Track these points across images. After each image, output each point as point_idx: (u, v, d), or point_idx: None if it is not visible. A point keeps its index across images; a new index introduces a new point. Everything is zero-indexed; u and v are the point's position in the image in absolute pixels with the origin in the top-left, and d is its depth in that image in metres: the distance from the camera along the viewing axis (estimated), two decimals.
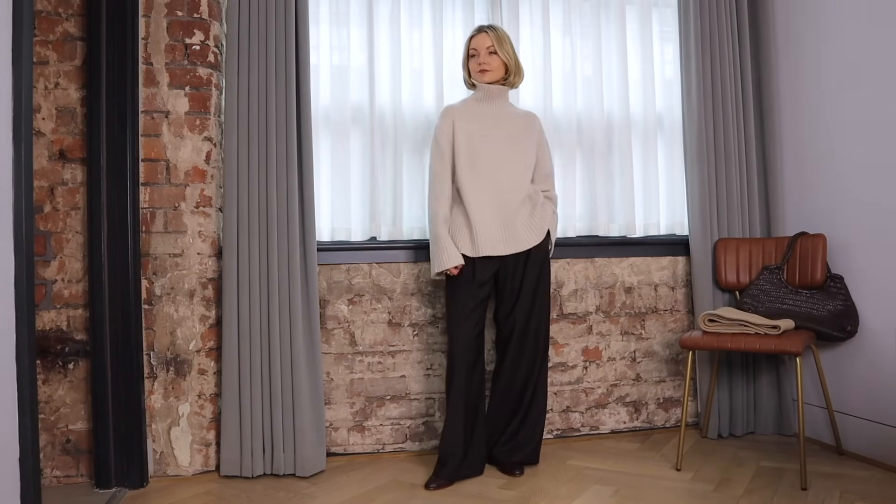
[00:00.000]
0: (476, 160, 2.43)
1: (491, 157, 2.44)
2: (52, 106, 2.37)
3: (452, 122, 2.47)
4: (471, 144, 2.44)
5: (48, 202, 2.36)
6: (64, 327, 2.36)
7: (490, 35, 2.46)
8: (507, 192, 2.43)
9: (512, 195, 2.43)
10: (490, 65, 2.45)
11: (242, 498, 2.22)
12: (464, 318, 2.38)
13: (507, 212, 2.42)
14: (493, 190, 2.42)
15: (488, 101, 2.50)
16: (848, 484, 2.24)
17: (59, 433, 2.35)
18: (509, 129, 2.49)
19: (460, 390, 2.36)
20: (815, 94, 2.77)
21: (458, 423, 2.35)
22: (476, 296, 2.40)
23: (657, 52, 3.03)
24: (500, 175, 2.43)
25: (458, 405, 2.36)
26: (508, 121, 2.51)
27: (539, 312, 2.47)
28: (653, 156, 3.00)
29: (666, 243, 2.98)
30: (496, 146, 2.45)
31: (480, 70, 2.46)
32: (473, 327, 2.39)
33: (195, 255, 2.45)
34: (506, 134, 2.48)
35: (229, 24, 2.46)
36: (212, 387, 2.47)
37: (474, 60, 2.47)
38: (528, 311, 2.45)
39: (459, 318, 2.38)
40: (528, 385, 2.46)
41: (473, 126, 2.46)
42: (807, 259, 2.65)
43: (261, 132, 2.46)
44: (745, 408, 2.87)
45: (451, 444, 2.35)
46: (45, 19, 2.36)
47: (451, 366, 2.39)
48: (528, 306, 2.45)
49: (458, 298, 2.40)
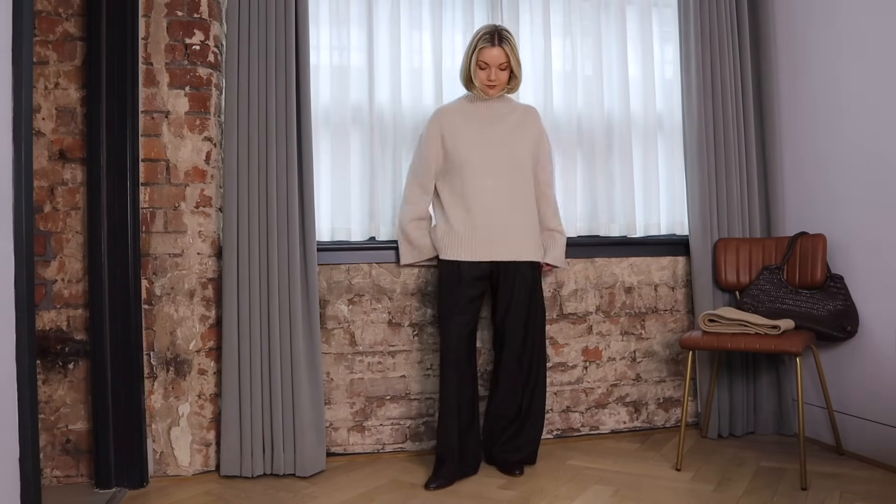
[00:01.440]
0: (464, 164, 2.42)
1: (480, 160, 2.42)
2: (52, 106, 2.37)
3: (441, 127, 2.47)
4: (458, 149, 2.43)
5: (48, 202, 2.36)
6: (64, 327, 2.36)
7: (506, 51, 2.37)
8: (494, 197, 2.41)
9: (499, 201, 2.41)
10: (500, 80, 2.42)
11: (242, 498, 2.22)
12: (455, 314, 2.39)
13: (494, 217, 2.40)
14: (479, 195, 2.40)
15: (482, 101, 2.49)
16: (848, 484, 2.24)
17: (59, 433, 2.35)
18: (502, 132, 2.47)
19: (451, 388, 2.36)
20: (815, 94, 2.77)
21: (452, 422, 2.36)
22: (465, 294, 2.40)
23: (657, 52, 3.03)
24: (489, 179, 2.41)
25: (450, 403, 2.36)
26: (502, 121, 2.48)
27: (534, 320, 2.45)
28: (653, 156, 3.00)
29: (666, 243, 2.98)
30: (487, 149, 2.44)
31: (489, 85, 2.41)
32: (464, 325, 2.39)
33: (195, 255, 2.45)
34: (499, 136, 2.46)
35: (229, 24, 2.46)
36: (212, 387, 2.47)
37: (483, 73, 2.39)
38: (523, 318, 2.43)
39: (450, 314, 2.39)
40: (528, 387, 2.46)
41: (463, 129, 2.45)
42: (807, 259, 2.65)
43: (261, 132, 2.46)
44: (745, 408, 2.87)
45: (446, 443, 2.35)
46: (45, 19, 2.36)
47: (442, 363, 2.40)
48: (522, 315, 2.43)
49: (447, 294, 2.41)
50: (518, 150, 2.47)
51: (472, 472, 2.41)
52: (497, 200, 2.42)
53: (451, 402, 2.36)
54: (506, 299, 2.43)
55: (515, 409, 2.46)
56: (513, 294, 2.42)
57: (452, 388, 2.37)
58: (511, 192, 2.44)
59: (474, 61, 2.40)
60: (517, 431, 2.47)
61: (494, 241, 2.41)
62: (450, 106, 2.53)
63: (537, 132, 2.54)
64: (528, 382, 2.46)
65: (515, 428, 2.47)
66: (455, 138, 2.44)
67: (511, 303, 2.42)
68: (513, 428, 2.47)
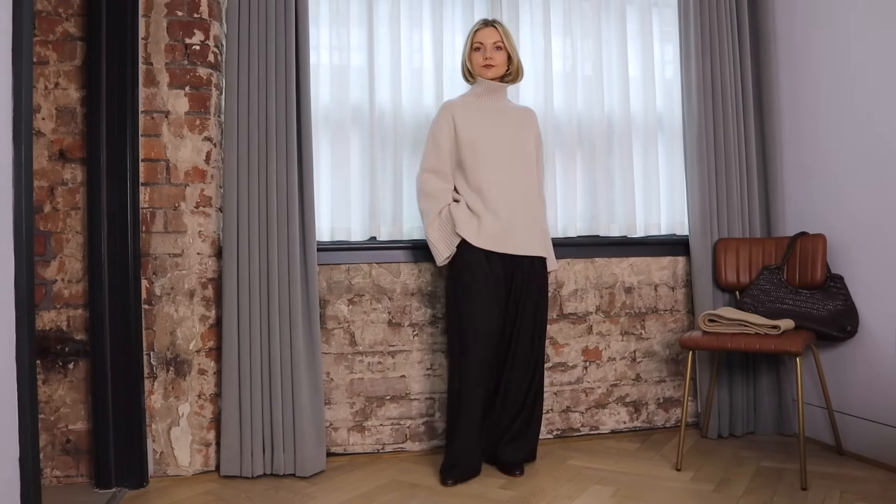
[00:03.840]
0: (479, 155, 2.41)
1: (494, 152, 2.42)
2: (52, 106, 2.37)
3: (453, 118, 2.46)
4: (473, 140, 2.42)
5: (48, 202, 2.36)
6: (64, 327, 2.36)
7: (499, 30, 2.44)
8: (510, 187, 2.41)
9: (515, 190, 2.41)
10: (495, 59, 2.43)
11: (242, 498, 2.22)
12: (484, 313, 2.34)
13: (512, 208, 2.39)
14: (497, 185, 2.40)
15: (488, 96, 2.49)
16: (848, 484, 2.24)
17: (59, 433, 2.35)
18: (511, 125, 2.48)
19: (474, 395, 2.33)
20: (815, 94, 2.77)
21: (472, 431, 2.35)
22: (495, 288, 2.36)
23: (657, 52, 3.03)
24: (503, 171, 2.41)
25: (474, 414, 2.35)
26: (509, 116, 2.50)
27: (542, 320, 2.46)
28: (653, 156, 3.00)
29: (666, 243, 2.98)
30: (499, 141, 2.44)
31: (486, 65, 2.43)
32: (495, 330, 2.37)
33: (195, 255, 2.45)
34: (508, 129, 2.47)
35: (229, 24, 2.46)
36: (212, 387, 2.47)
37: (479, 54, 2.44)
38: (531, 319, 2.42)
39: (479, 314, 2.33)
40: (531, 388, 2.46)
41: (475, 121, 2.44)
42: (807, 259, 2.65)
43: (261, 132, 2.46)
44: (745, 408, 2.87)
45: (464, 449, 2.35)
46: (45, 19, 2.36)
47: (461, 371, 2.34)
48: (531, 315, 2.42)
49: (471, 285, 2.34)
50: (525, 143, 2.49)
51: (479, 472, 2.41)
52: (512, 192, 2.41)
53: (474, 413, 2.34)
54: (520, 294, 2.42)
55: (519, 407, 2.46)
56: (528, 289, 2.42)
57: (475, 395, 2.34)
58: (524, 185, 2.44)
59: (470, 47, 2.46)
60: (521, 430, 2.46)
61: (511, 234, 2.38)
62: (456, 100, 2.53)
63: (536, 132, 2.57)
64: (533, 381, 2.46)
65: (519, 427, 2.46)
66: (467, 128, 2.44)
67: (526, 298, 2.42)
68: (516, 426, 2.46)
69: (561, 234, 2.87)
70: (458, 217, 2.38)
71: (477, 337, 2.33)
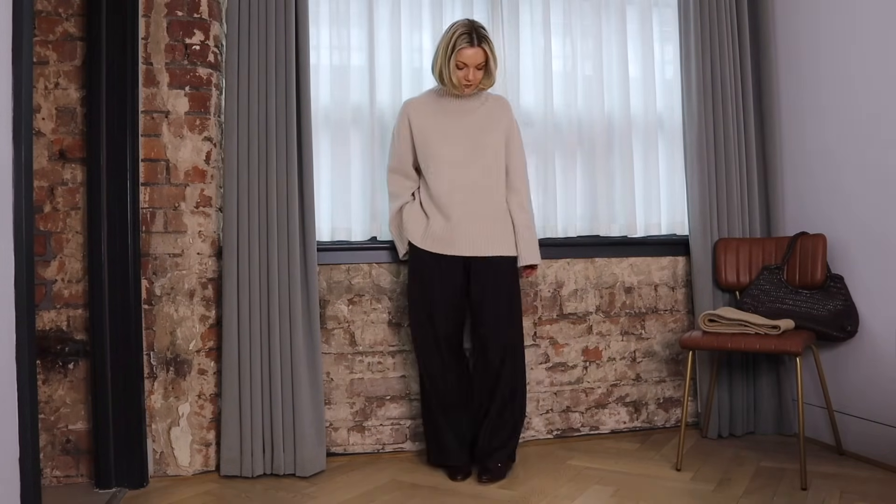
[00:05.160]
0: (433, 157, 2.41)
1: (450, 153, 2.41)
2: (52, 106, 2.37)
3: (409, 119, 2.46)
4: (427, 141, 2.42)
5: (48, 202, 2.36)
6: (64, 327, 2.36)
7: (486, 50, 2.33)
8: (467, 188, 2.38)
9: (474, 191, 2.39)
10: (476, 79, 2.37)
11: (242, 498, 2.22)
12: (442, 313, 2.38)
13: (467, 210, 2.37)
14: (451, 186, 2.38)
15: (451, 96, 2.46)
16: (848, 484, 2.24)
17: (59, 433, 2.35)
18: (473, 124, 2.44)
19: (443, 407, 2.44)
20: (815, 94, 2.77)
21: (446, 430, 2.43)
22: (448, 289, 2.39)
23: (657, 52, 3.03)
24: (459, 171, 2.39)
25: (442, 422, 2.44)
26: (473, 113, 2.45)
27: (508, 318, 2.39)
28: (653, 156, 3.00)
29: (666, 243, 2.98)
30: (456, 142, 2.41)
31: (466, 85, 2.37)
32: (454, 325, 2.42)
33: (195, 255, 2.45)
34: (469, 128, 2.43)
35: (229, 24, 2.46)
36: (212, 387, 2.46)
37: (461, 73, 2.34)
38: (493, 318, 2.37)
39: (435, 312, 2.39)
40: (498, 390, 2.38)
41: (432, 122, 2.43)
42: (807, 259, 2.65)
43: (261, 132, 2.46)
44: (745, 408, 2.87)
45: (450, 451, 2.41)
46: (45, 19, 2.36)
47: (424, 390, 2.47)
48: (492, 314, 2.37)
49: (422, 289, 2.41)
50: (488, 143, 2.43)
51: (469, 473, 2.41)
52: (470, 194, 2.39)
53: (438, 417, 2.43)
54: (482, 294, 2.38)
55: (483, 413, 2.41)
56: (487, 289, 2.37)
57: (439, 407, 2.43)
58: (482, 188, 2.41)
59: (453, 61, 2.33)
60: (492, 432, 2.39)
61: (467, 236, 2.37)
62: (418, 99, 2.51)
63: (508, 122, 2.49)
64: (500, 382, 2.37)
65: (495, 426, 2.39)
66: (423, 134, 2.43)
67: (488, 298, 2.37)
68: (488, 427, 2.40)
69: (561, 234, 2.87)
70: (408, 218, 2.46)
71: (429, 339, 2.41)
